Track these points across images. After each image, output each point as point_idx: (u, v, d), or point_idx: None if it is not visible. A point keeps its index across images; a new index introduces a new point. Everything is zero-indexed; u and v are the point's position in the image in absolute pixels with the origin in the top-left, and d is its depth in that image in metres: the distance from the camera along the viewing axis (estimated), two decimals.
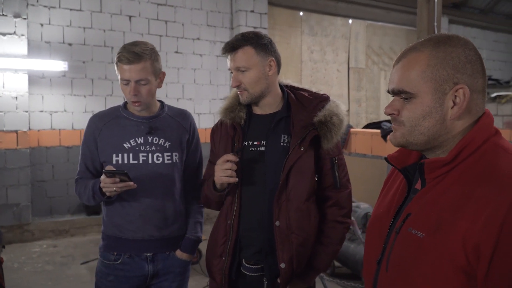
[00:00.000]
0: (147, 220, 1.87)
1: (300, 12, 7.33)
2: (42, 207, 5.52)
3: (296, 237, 1.62)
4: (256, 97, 1.68)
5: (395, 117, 1.01)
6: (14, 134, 5.13)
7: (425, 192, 0.98)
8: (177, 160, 1.92)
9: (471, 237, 0.84)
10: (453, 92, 0.94)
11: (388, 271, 1.00)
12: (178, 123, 1.97)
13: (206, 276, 4.08)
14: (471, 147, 0.94)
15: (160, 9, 6.14)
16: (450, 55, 0.94)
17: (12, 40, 5.05)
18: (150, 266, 1.89)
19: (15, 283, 3.93)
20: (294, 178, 1.63)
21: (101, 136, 1.89)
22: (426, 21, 4.22)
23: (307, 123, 1.65)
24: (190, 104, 6.43)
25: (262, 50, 1.65)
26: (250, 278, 1.69)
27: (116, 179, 1.70)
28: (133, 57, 1.76)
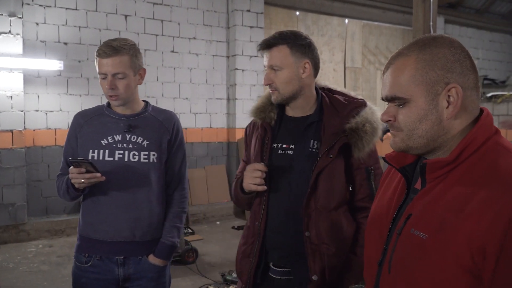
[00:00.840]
0: (118, 219, 1.83)
1: (296, 11, 7.33)
2: (38, 207, 5.50)
3: (327, 248, 1.57)
4: (287, 98, 1.64)
5: (392, 123, 1.01)
6: (9, 134, 5.10)
7: (426, 192, 0.98)
8: (155, 160, 1.88)
9: (476, 238, 0.84)
10: (446, 92, 0.94)
11: (391, 273, 1.00)
12: (160, 123, 1.94)
13: (203, 276, 4.09)
14: (473, 146, 0.93)
15: (156, 9, 6.13)
16: (437, 56, 0.95)
17: (7, 39, 5.02)
18: (120, 270, 1.86)
19: (10, 283, 3.92)
20: (322, 186, 1.58)
21: (82, 132, 1.90)
22: (421, 21, 4.23)
23: (338, 130, 1.59)
24: (186, 104, 6.42)
25: (298, 51, 1.61)
26: (278, 282, 1.65)
27: (82, 169, 1.69)
28: (111, 50, 1.76)
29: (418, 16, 4.24)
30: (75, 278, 1.91)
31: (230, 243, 5.26)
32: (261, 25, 6.75)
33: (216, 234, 5.68)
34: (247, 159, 1.81)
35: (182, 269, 4.28)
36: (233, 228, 5.94)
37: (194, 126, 6.53)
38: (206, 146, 6.64)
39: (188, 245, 4.48)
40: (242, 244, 1.74)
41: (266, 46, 1.62)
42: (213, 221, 6.32)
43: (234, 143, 6.66)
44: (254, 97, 6.71)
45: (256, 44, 6.61)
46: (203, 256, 4.69)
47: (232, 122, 6.68)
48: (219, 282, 3.95)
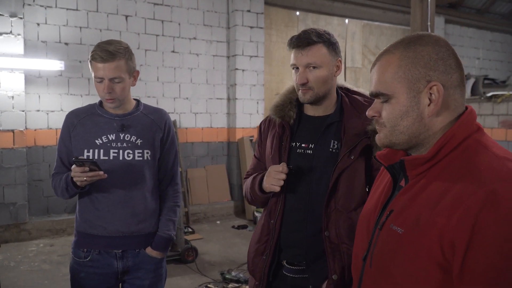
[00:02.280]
0: (116, 216, 1.88)
1: (296, 11, 7.35)
2: (39, 206, 5.53)
3: (347, 247, 1.56)
4: (320, 97, 1.63)
5: (377, 119, 1.04)
6: (10, 134, 5.13)
7: (407, 189, 1.00)
8: (149, 158, 1.93)
9: (447, 233, 0.86)
10: (428, 90, 0.96)
11: (372, 267, 1.03)
12: (152, 121, 1.99)
13: (202, 275, 4.11)
14: (452, 143, 0.95)
15: (156, 9, 6.16)
16: (421, 53, 0.96)
17: (8, 39, 5.05)
18: (119, 263, 1.91)
19: (11, 281, 3.95)
20: (343, 187, 1.58)
21: (75, 132, 1.93)
22: (419, 21, 4.24)
23: (360, 131, 1.58)
24: (186, 104, 6.45)
25: (333, 49, 1.62)
26: (292, 280, 1.66)
27: (85, 168, 1.73)
28: (107, 55, 1.78)
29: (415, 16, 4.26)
30: (73, 273, 1.95)
31: (230, 242, 5.28)
32: (261, 25, 6.77)
33: (216, 233, 5.70)
34: (260, 155, 1.82)
35: (181, 267, 4.31)
36: (233, 227, 5.96)
37: (195, 126, 6.55)
38: (207, 145, 6.66)
39: (188, 244, 4.50)
40: (255, 242, 1.75)
41: (305, 44, 1.59)
42: (213, 220, 6.35)
43: (234, 143, 6.68)
44: (254, 97, 6.73)
45: (256, 45, 6.67)
46: (203, 255, 4.72)
47: (233, 122, 6.70)
48: (218, 281, 3.97)
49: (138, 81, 1.98)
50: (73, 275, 1.95)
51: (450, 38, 9.20)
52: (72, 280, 1.96)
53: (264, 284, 1.69)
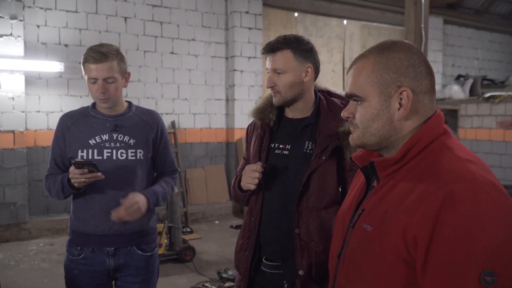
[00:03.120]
0: (108, 214, 1.92)
1: (295, 13, 7.39)
2: (39, 206, 5.59)
3: (316, 245, 1.63)
4: (289, 101, 1.71)
5: (351, 121, 1.09)
6: (11, 134, 5.20)
7: (378, 189, 1.06)
8: (141, 157, 2.00)
9: (410, 230, 0.91)
10: (398, 95, 1.01)
11: (344, 263, 1.08)
12: (144, 122, 2.05)
13: (199, 274, 4.16)
14: (419, 146, 1.00)
15: (155, 11, 6.21)
16: (393, 60, 1.01)
17: (8, 41, 5.11)
18: (111, 261, 1.97)
19: (11, 280, 4.00)
20: (314, 186, 1.64)
21: (69, 133, 1.98)
22: (413, 23, 4.28)
23: (332, 132, 1.65)
24: (185, 104, 6.50)
25: (301, 55, 1.67)
26: (270, 276, 1.74)
27: (84, 170, 1.79)
28: (100, 56, 1.86)
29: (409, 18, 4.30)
30: (67, 271, 2.01)
31: (228, 241, 5.33)
32: (259, 27, 6.82)
33: (215, 233, 5.75)
34: (247, 157, 1.90)
35: (179, 267, 4.36)
36: (231, 227, 6.01)
37: (194, 127, 6.60)
38: (205, 146, 6.71)
39: (186, 244, 4.55)
40: (239, 238, 1.84)
41: (270, 50, 1.68)
42: (212, 220, 6.40)
43: (233, 143, 6.74)
44: (252, 98, 6.78)
45: (255, 46, 6.72)
46: (201, 254, 4.77)
47: (231, 122, 6.76)
48: (215, 280, 4.02)
49: (137, 82, 2.05)
50: (67, 273, 2.01)
51: (448, 38, 9.23)
52: (66, 278, 2.02)
53: (247, 279, 1.76)
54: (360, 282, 1.02)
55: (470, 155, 0.98)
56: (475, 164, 0.95)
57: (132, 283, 2.01)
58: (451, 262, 0.86)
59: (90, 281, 1.97)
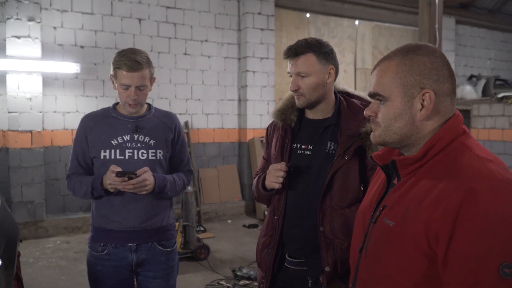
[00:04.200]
0: (130, 211, 2.01)
1: (306, 13, 7.43)
2: (56, 204, 5.70)
3: (341, 242, 1.67)
4: (312, 103, 1.75)
5: (373, 119, 1.13)
6: (28, 134, 5.30)
7: (399, 186, 1.10)
8: (161, 157, 2.07)
9: (431, 225, 0.96)
10: (421, 96, 1.05)
11: (366, 258, 1.13)
12: (163, 123, 2.13)
13: (214, 272, 4.22)
14: (439, 145, 1.05)
15: (169, 12, 6.29)
16: (417, 62, 1.06)
17: (26, 43, 5.22)
18: (133, 256, 2.04)
19: (30, 277, 4.09)
20: (337, 185, 1.69)
21: (92, 133, 2.05)
22: (427, 24, 4.29)
23: (354, 133, 1.69)
24: (198, 105, 6.57)
25: (324, 58, 1.71)
26: (293, 272, 1.78)
27: (125, 178, 1.89)
28: (136, 65, 1.93)
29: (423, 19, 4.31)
30: (90, 267, 2.08)
31: (241, 240, 5.38)
32: (271, 28, 6.86)
33: (228, 232, 5.81)
34: (267, 157, 1.95)
35: (193, 265, 4.42)
36: (244, 226, 6.06)
37: (206, 127, 6.66)
38: (218, 146, 6.77)
39: (200, 242, 4.62)
40: (262, 236, 1.88)
41: (294, 54, 1.71)
42: (224, 219, 6.46)
43: (245, 143, 6.79)
44: (264, 98, 6.83)
45: (267, 47, 6.77)
46: (215, 253, 4.82)
47: (243, 122, 6.81)
48: (230, 278, 4.07)
49: None
50: (90, 268, 2.08)
51: (461, 38, 9.19)
52: (90, 273, 2.09)
53: (270, 276, 1.81)
54: (382, 275, 1.06)
55: (489, 155, 1.02)
56: (494, 163, 0.99)
57: (153, 278, 2.08)
58: (471, 254, 0.90)
59: (113, 276, 2.04)
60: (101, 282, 2.06)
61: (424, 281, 0.98)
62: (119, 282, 2.05)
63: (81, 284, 3.97)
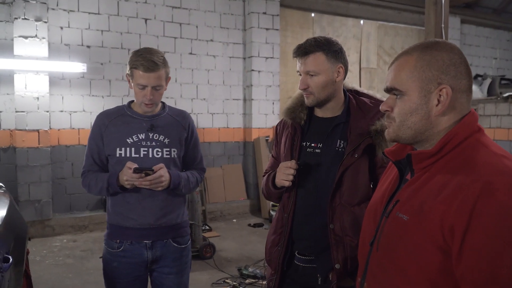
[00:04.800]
0: (146, 209, 2.03)
1: (311, 13, 7.43)
2: (62, 203, 5.74)
3: (350, 240, 1.68)
4: (321, 101, 1.75)
5: (388, 114, 1.14)
6: (35, 133, 5.34)
7: (413, 181, 1.11)
8: (175, 156, 2.10)
9: (447, 219, 0.96)
10: (438, 91, 1.06)
11: (378, 251, 1.14)
12: (177, 122, 2.15)
13: (220, 271, 4.24)
14: (455, 141, 1.05)
15: (175, 12, 6.31)
16: (435, 58, 1.07)
17: (33, 43, 5.26)
18: (149, 253, 2.06)
19: (37, 274, 4.12)
20: (347, 183, 1.70)
21: (107, 131, 2.07)
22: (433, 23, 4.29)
23: (364, 131, 1.70)
24: (203, 104, 6.59)
25: (333, 56, 1.71)
26: (303, 270, 1.79)
27: (142, 175, 1.92)
28: (153, 66, 1.95)
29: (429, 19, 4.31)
30: (106, 263, 2.10)
31: (246, 239, 5.40)
32: (277, 27, 6.87)
33: (233, 231, 5.83)
34: (276, 155, 1.96)
35: (199, 263, 4.44)
36: (249, 225, 6.08)
37: (212, 126, 6.69)
38: (223, 145, 6.80)
39: (206, 241, 4.64)
40: (271, 234, 1.89)
41: (303, 53, 1.72)
42: (229, 218, 6.48)
43: (250, 143, 6.80)
44: (270, 98, 6.84)
45: (272, 46, 6.78)
46: (220, 251, 4.84)
47: (248, 122, 6.83)
48: (236, 276, 4.09)
49: None
50: (106, 265, 2.11)
51: (466, 38, 9.17)
52: (105, 270, 2.12)
53: (279, 273, 1.82)
54: (395, 268, 1.07)
55: (504, 152, 1.03)
56: (510, 160, 1.00)
57: (167, 274, 2.10)
58: (486, 248, 0.91)
59: (129, 272, 2.06)
60: (117, 279, 2.08)
61: (438, 275, 0.99)
62: (134, 279, 2.08)
63: (88, 282, 4.00)
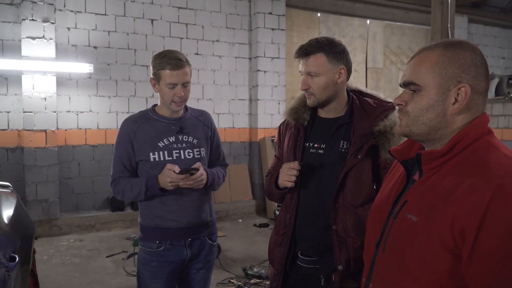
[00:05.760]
0: (184, 209, 2.09)
1: (317, 13, 7.42)
2: (69, 203, 5.78)
3: (353, 241, 1.67)
4: (323, 102, 1.75)
5: (402, 108, 1.13)
6: (43, 133, 5.38)
7: (422, 182, 1.09)
8: (204, 155, 2.18)
9: (458, 221, 0.95)
10: (456, 90, 1.05)
11: (385, 252, 1.12)
12: (201, 123, 2.22)
13: (225, 271, 4.24)
14: (465, 141, 1.04)
15: (181, 13, 6.34)
16: (458, 56, 1.05)
17: (41, 43, 5.30)
18: (188, 251, 2.13)
19: (44, 274, 4.15)
20: (350, 184, 1.69)
21: (136, 137, 2.10)
22: (439, 23, 4.27)
23: (367, 132, 1.69)
24: (209, 104, 6.60)
25: (334, 58, 1.71)
26: (305, 270, 1.79)
27: (187, 175, 1.97)
28: (179, 63, 2.01)
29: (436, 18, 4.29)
30: (143, 263, 2.12)
31: (252, 240, 5.40)
32: (282, 27, 6.87)
33: (238, 231, 5.83)
34: (279, 155, 1.96)
35: None
36: (255, 225, 6.08)
37: (217, 126, 6.63)
38: (229, 145, 6.81)
39: None
40: (274, 234, 1.89)
41: (304, 53, 1.72)
42: (235, 218, 6.49)
43: (256, 143, 6.81)
44: (275, 98, 6.84)
45: (278, 46, 6.79)
46: (226, 251, 4.85)
47: (254, 122, 6.83)
48: (241, 276, 4.10)
49: None
50: (144, 265, 2.12)
51: (473, 37, 9.10)
52: (142, 270, 2.13)
53: (282, 274, 1.82)
54: (402, 270, 1.06)
55: None
56: None
57: (198, 269, 2.19)
58: (498, 252, 0.90)
59: (167, 272, 2.10)
60: (154, 278, 2.11)
61: (446, 277, 0.97)
62: (170, 277, 2.12)
63: (94, 281, 4.02)
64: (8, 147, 5.43)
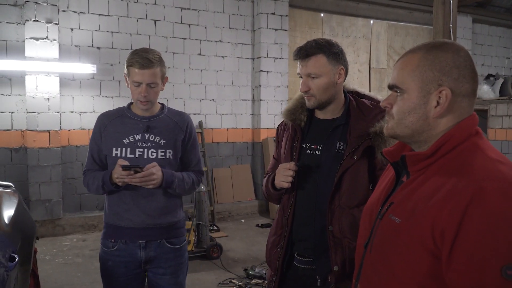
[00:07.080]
0: (140, 209, 2.06)
1: (321, 13, 7.41)
2: (72, 203, 5.80)
3: (349, 242, 1.67)
4: (323, 103, 1.75)
5: (388, 111, 1.14)
6: (46, 134, 5.41)
7: (407, 184, 1.10)
8: (171, 157, 2.11)
9: (438, 223, 0.95)
10: (437, 93, 1.05)
11: (371, 253, 1.14)
12: (175, 124, 2.16)
13: (226, 271, 4.25)
14: (450, 144, 1.04)
15: (184, 13, 6.35)
16: (439, 58, 1.05)
17: (44, 44, 5.33)
18: (142, 253, 2.08)
19: (47, 273, 4.18)
20: (346, 185, 1.69)
21: (106, 132, 2.11)
22: (441, 23, 4.25)
23: (363, 133, 1.69)
24: (212, 105, 6.61)
25: (334, 58, 1.71)
26: (302, 271, 1.79)
27: (131, 172, 1.94)
28: (147, 63, 1.98)
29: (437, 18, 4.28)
30: (102, 262, 2.14)
31: (254, 240, 5.40)
32: (285, 28, 6.87)
33: (241, 231, 5.84)
34: (277, 156, 1.96)
35: (206, 263, 4.47)
36: (257, 226, 6.09)
37: (220, 127, 6.71)
38: (232, 146, 6.81)
39: (213, 241, 4.65)
40: (271, 235, 1.90)
41: (304, 55, 1.71)
42: (238, 219, 6.49)
43: (258, 143, 6.81)
44: (278, 98, 6.84)
45: (281, 47, 6.78)
46: (228, 252, 4.86)
47: (257, 122, 6.84)
48: (242, 277, 4.10)
49: (166, 83, 2.15)
50: (102, 264, 2.14)
51: (478, 37, 9.07)
52: (102, 269, 2.15)
53: (279, 274, 1.82)
54: (386, 271, 1.07)
55: (500, 156, 1.01)
56: (505, 165, 0.98)
57: (162, 275, 2.12)
58: (475, 254, 0.90)
59: (124, 271, 2.09)
60: (113, 278, 2.11)
61: (428, 279, 0.98)
62: (130, 278, 2.11)
63: (96, 281, 4.04)
64: (11, 147, 5.47)
